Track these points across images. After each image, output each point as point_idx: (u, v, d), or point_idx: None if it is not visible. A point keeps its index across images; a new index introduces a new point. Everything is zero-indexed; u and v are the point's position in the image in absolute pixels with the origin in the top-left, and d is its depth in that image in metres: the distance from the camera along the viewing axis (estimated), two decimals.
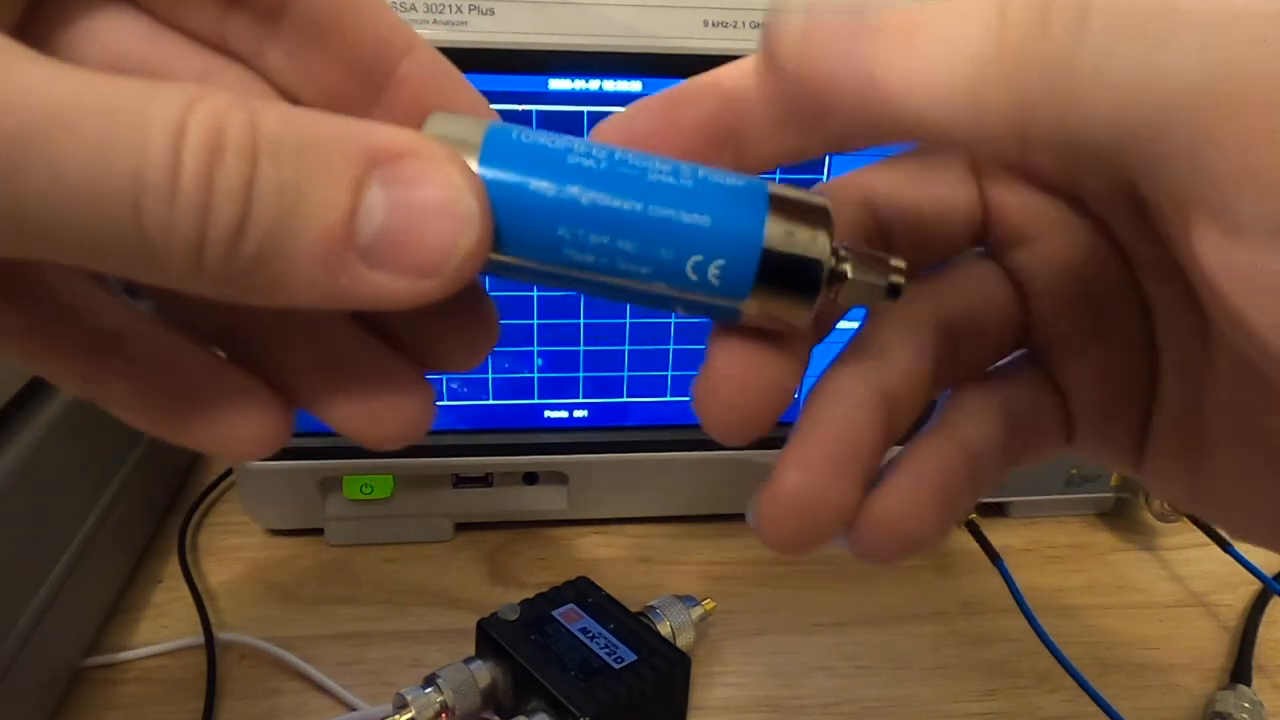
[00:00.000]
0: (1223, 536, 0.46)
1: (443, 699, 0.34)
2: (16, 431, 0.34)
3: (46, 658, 0.35)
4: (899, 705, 0.40)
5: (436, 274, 0.14)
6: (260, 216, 0.13)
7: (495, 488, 0.47)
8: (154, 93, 0.13)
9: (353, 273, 0.14)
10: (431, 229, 0.14)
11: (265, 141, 0.13)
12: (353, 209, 0.14)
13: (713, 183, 0.16)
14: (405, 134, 0.15)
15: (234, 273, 0.14)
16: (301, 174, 0.14)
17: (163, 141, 0.13)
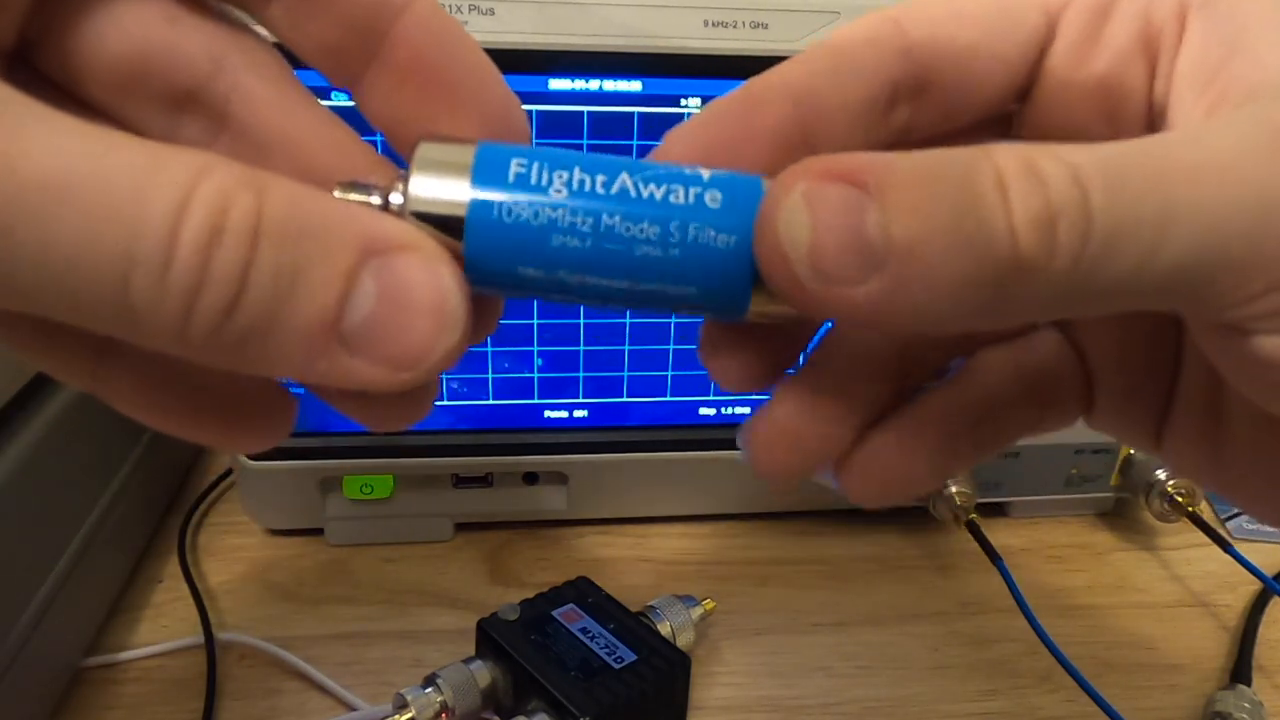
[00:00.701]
0: (1223, 536, 0.46)
1: (443, 699, 0.34)
2: (16, 431, 0.34)
3: (46, 658, 0.35)
4: (899, 705, 0.40)
5: (412, 369, 0.15)
6: (252, 300, 0.13)
7: (495, 488, 0.47)
8: (159, 165, 0.13)
9: (331, 357, 0.14)
10: (417, 326, 0.14)
11: (269, 225, 0.13)
12: (344, 298, 0.14)
13: (701, 244, 0.16)
14: (402, 227, 0.15)
15: (215, 347, 0.14)
16: (300, 260, 0.14)
17: (160, 220, 0.13)
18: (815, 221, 0.14)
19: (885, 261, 0.14)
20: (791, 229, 0.14)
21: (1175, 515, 0.47)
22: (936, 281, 0.14)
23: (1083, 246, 0.14)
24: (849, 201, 0.14)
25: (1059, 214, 0.14)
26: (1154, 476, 0.47)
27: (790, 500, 0.49)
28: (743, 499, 0.49)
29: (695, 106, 0.39)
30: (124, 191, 0.13)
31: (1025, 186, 0.14)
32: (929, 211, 0.14)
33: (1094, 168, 0.14)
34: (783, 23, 0.38)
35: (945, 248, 0.14)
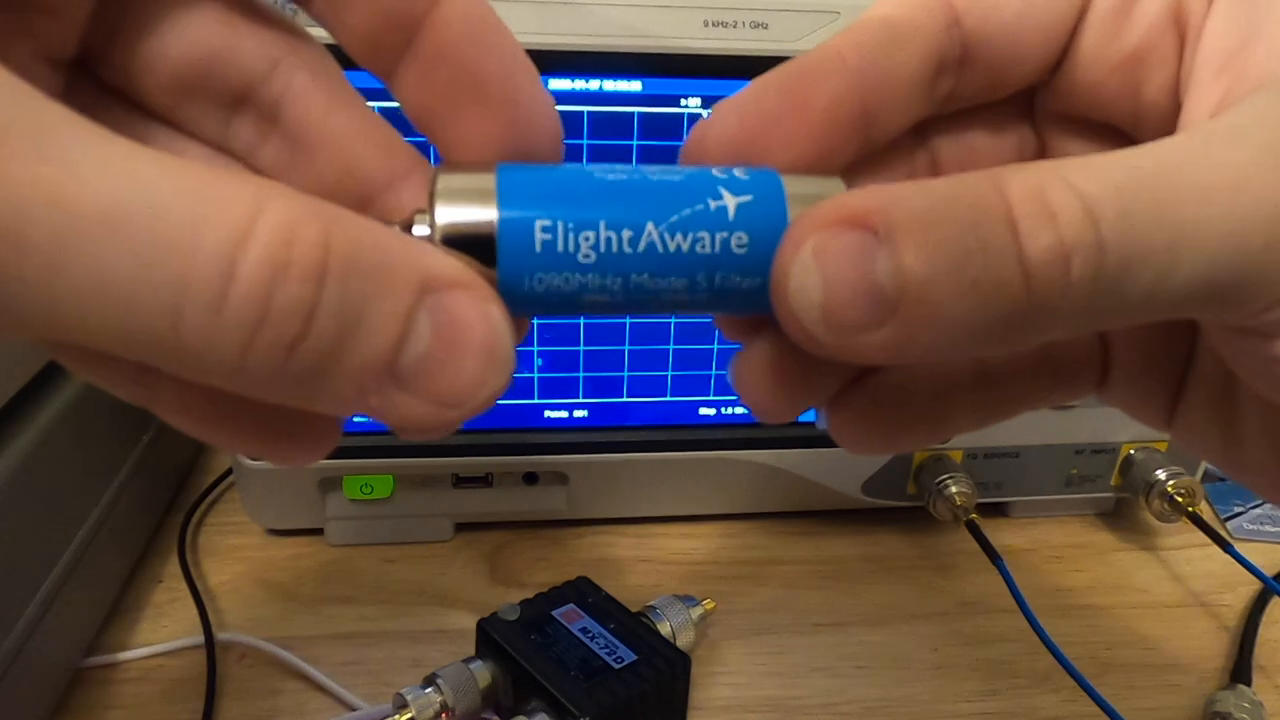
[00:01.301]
0: (1223, 536, 0.46)
1: (443, 699, 0.34)
2: (17, 431, 0.34)
3: (46, 658, 0.35)
4: (899, 705, 0.40)
5: (460, 407, 0.14)
6: (317, 339, 0.13)
7: (495, 488, 0.47)
8: (220, 191, 0.13)
9: (384, 395, 0.14)
10: (468, 366, 0.14)
11: (336, 260, 0.13)
12: (403, 336, 0.14)
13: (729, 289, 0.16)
14: (455, 265, 0.15)
15: (270, 385, 0.13)
16: (364, 297, 0.13)
17: (217, 249, 0.12)
18: (825, 279, 0.14)
19: (897, 306, 0.14)
20: (803, 292, 0.15)
21: (1175, 515, 0.47)
22: (948, 323, 0.14)
23: (1096, 279, 0.14)
24: (858, 249, 0.14)
25: (1072, 250, 0.14)
26: (1154, 476, 0.47)
27: (790, 500, 0.49)
28: (743, 499, 0.49)
29: (695, 106, 0.39)
30: (179, 221, 0.12)
31: (1035, 222, 0.14)
32: (937, 253, 0.14)
33: (1105, 195, 0.14)
34: (783, 23, 0.38)
35: (954, 290, 0.14)
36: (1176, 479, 0.46)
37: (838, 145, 0.18)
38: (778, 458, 0.46)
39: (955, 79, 0.19)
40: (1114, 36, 0.19)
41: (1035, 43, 0.19)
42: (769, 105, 0.18)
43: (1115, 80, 0.19)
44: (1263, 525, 0.51)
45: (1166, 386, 0.20)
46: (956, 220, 0.14)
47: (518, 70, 0.18)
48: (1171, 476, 0.47)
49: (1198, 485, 0.47)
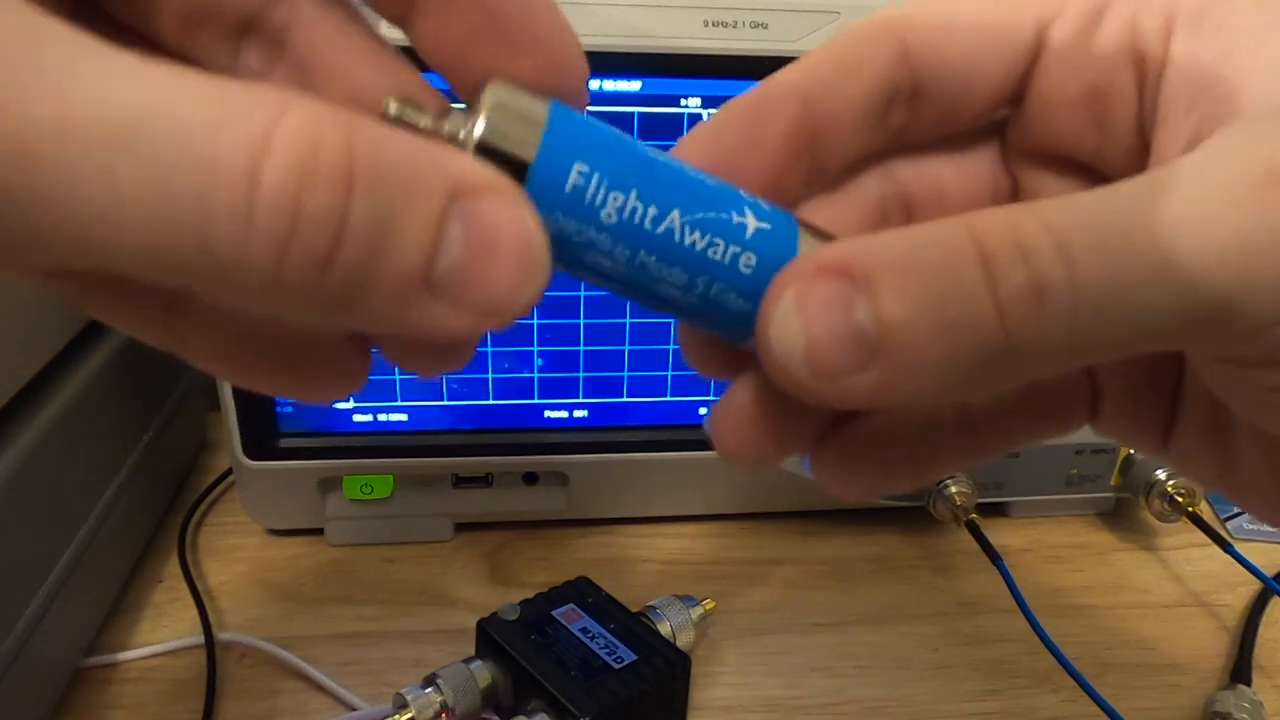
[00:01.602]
0: (1223, 536, 0.46)
1: (443, 699, 0.34)
2: (16, 431, 0.34)
3: (46, 658, 0.35)
4: (899, 705, 0.40)
5: (498, 315, 0.14)
6: (350, 249, 0.13)
7: (495, 488, 0.47)
8: (236, 100, 0.12)
9: (421, 305, 0.14)
10: (504, 270, 0.14)
11: (361, 167, 0.13)
12: (436, 244, 0.13)
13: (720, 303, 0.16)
14: (483, 168, 0.14)
15: (307, 302, 0.13)
16: (393, 204, 0.13)
17: (238, 157, 0.12)
18: (807, 325, 0.14)
19: (879, 349, 0.14)
20: (785, 340, 0.15)
21: (1175, 515, 0.47)
22: (930, 365, 0.14)
23: (1072, 316, 0.14)
24: (837, 296, 0.14)
25: (1045, 288, 0.14)
26: (1154, 476, 0.47)
27: (790, 500, 0.49)
28: (743, 499, 0.49)
29: (695, 106, 0.39)
30: (195, 130, 0.12)
31: (1007, 260, 0.14)
32: (915, 296, 0.14)
33: (1076, 231, 0.14)
34: (783, 23, 0.38)
35: (933, 332, 0.14)
36: (1176, 479, 0.46)
37: (790, 174, 0.18)
38: None
39: (908, 111, 0.19)
40: (1071, 72, 0.19)
41: (986, 78, 0.19)
42: (729, 138, 0.18)
43: (1076, 115, 0.19)
44: (1263, 525, 0.51)
45: (1158, 415, 0.20)
46: (931, 263, 0.14)
47: (540, 8, 0.18)
48: (1171, 476, 0.47)
49: (1198, 485, 0.47)
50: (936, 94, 0.19)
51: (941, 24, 0.19)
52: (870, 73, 0.18)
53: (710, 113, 0.40)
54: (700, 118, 0.40)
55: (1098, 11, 0.19)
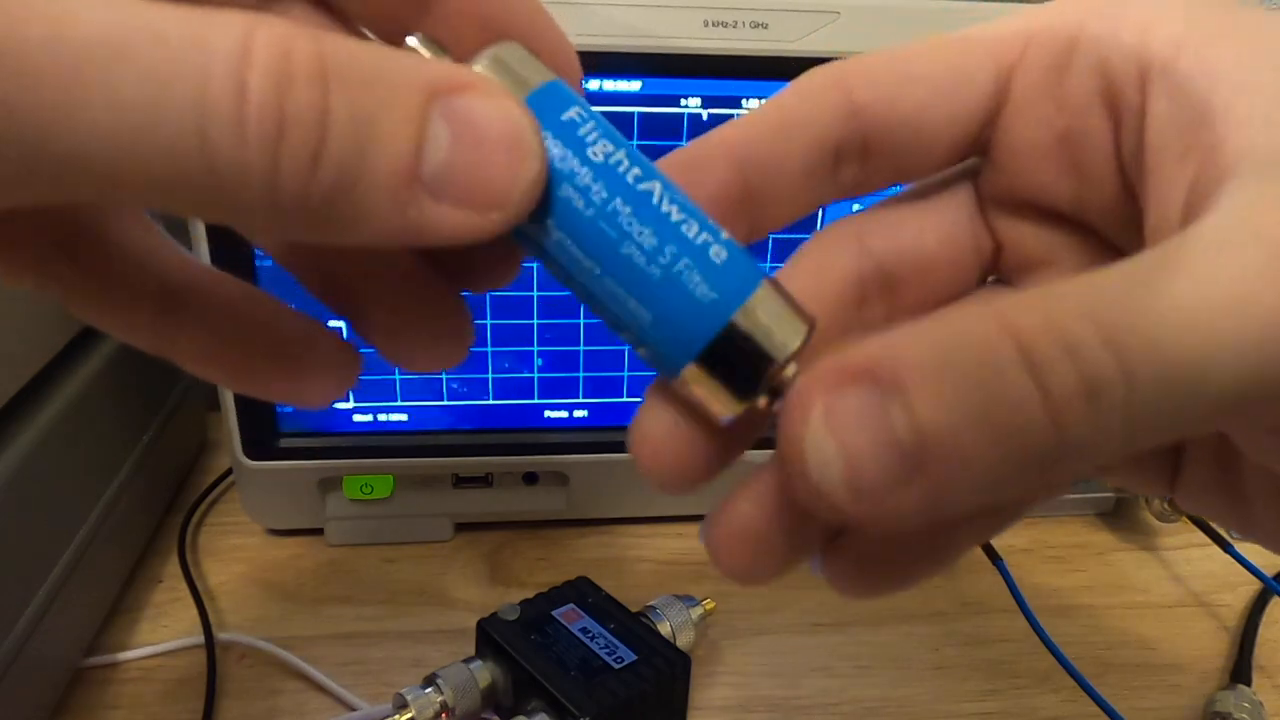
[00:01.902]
0: (1223, 536, 0.46)
1: (443, 699, 0.34)
2: (16, 431, 0.34)
3: (46, 658, 0.35)
4: (899, 705, 0.40)
5: (500, 206, 0.14)
6: (336, 145, 0.13)
7: (495, 488, 0.47)
8: (211, 19, 0.13)
9: (420, 206, 0.14)
10: (496, 161, 0.14)
11: (334, 69, 0.13)
12: (420, 141, 0.14)
13: (680, 283, 0.15)
14: (461, 68, 0.15)
15: (308, 207, 0.13)
16: (371, 104, 0.13)
17: (225, 66, 0.12)
18: (842, 445, 0.13)
19: (923, 460, 0.13)
20: (824, 466, 0.14)
21: (1175, 515, 0.47)
22: (979, 471, 0.13)
23: (1126, 412, 0.13)
24: (870, 407, 0.13)
25: (1099, 385, 0.13)
26: None
27: None
28: None
29: (695, 106, 0.39)
30: (183, 44, 0.12)
31: (1053, 359, 0.13)
32: (954, 402, 0.13)
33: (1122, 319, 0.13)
34: (783, 23, 0.38)
35: (980, 438, 0.13)
36: None
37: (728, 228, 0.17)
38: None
39: (859, 168, 0.19)
40: (1039, 121, 0.18)
41: (942, 132, 0.18)
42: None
43: (1050, 164, 0.18)
44: None
45: (1164, 463, 0.20)
46: (966, 364, 0.13)
47: (539, 20, 0.18)
48: None
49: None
50: (889, 150, 0.18)
51: (891, 78, 0.18)
52: (812, 132, 0.18)
53: (710, 113, 0.40)
54: (700, 118, 0.40)
55: (1064, 55, 0.18)
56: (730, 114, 0.40)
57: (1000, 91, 0.18)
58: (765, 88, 0.39)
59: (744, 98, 0.40)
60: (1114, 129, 0.18)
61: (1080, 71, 0.18)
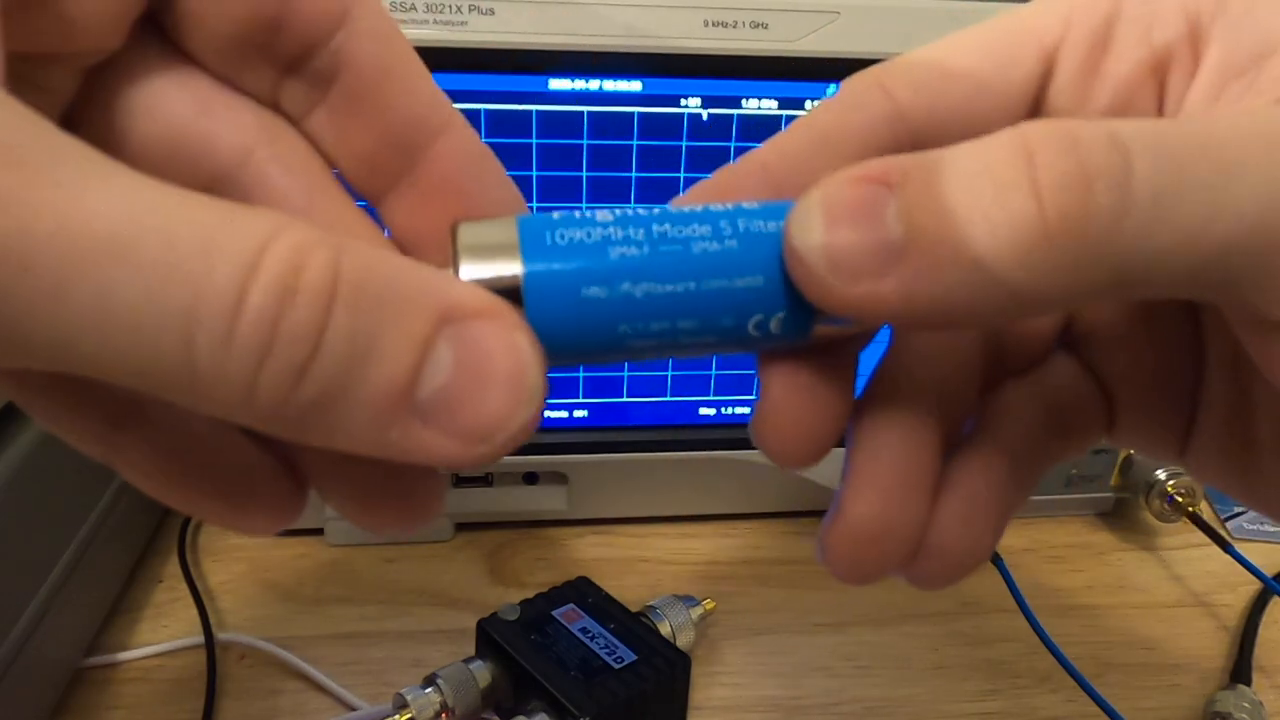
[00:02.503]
0: (1223, 536, 0.46)
1: (443, 699, 0.34)
2: (16, 432, 0.34)
3: (46, 658, 0.35)
4: (899, 705, 0.40)
5: (488, 442, 0.14)
6: (325, 364, 0.13)
7: (495, 488, 0.47)
8: (233, 220, 0.12)
9: (404, 428, 0.13)
10: (494, 397, 0.14)
11: (345, 286, 0.13)
12: (419, 365, 0.13)
13: (754, 233, 0.16)
14: (478, 292, 0.14)
15: (284, 415, 0.13)
16: (376, 324, 0.13)
17: (228, 276, 0.12)
18: (828, 219, 0.14)
19: (905, 250, 0.13)
20: (805, 231, 0.14)
21: (1175, 515, 0.47)
22: (959, 264, 0.13)
23: (1123, 212, 0.13)
24: (868, 198, 0.14)
25: (1096, 175, 0.13)
26: (1154, 476, 0.47)
27: (790, 500, 0.49)
28: (742, 499, 0.49)
29: (695, 106, 0.39)
30: (190, 248, 0.12)
31: (1054, 149, 0.13)
32: (948, 191, 0.13)
33: (1136, 129, 0.13)
34: (783, 23, 0.38)
35: (964, 225, 0.13)
36: (1176, 479, 0.46)
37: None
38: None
39: None
40: (1085, 97, 0.18)
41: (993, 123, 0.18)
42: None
43: None
44: (1263, 525, 0.51)
45: (1175, 425, 0.20)
46: (971, 162, 0.13)
47: (512, 202, 0.18)
48: (1171, 476, 0.47)
49: (1198, 485, 0.47)
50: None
51: (934, 74, 0.18)
52: (858, 141, 0.18)
53: (710, 113, 0.40)
54: (700, 118, 0.40)
55: (1105, 28, 0.18)
56: (730, 114, 0.40)
57: (1045, 74, 0.18)
58: (765, 88, 0.39)
59: (744, 98, 0.40)
60: (1159, 100, 0.17)
61: (1124, 43, 0.17)
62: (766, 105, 0.40)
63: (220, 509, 0.17)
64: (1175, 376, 0.20)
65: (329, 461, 0.18)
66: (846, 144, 0.18)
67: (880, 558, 0.17)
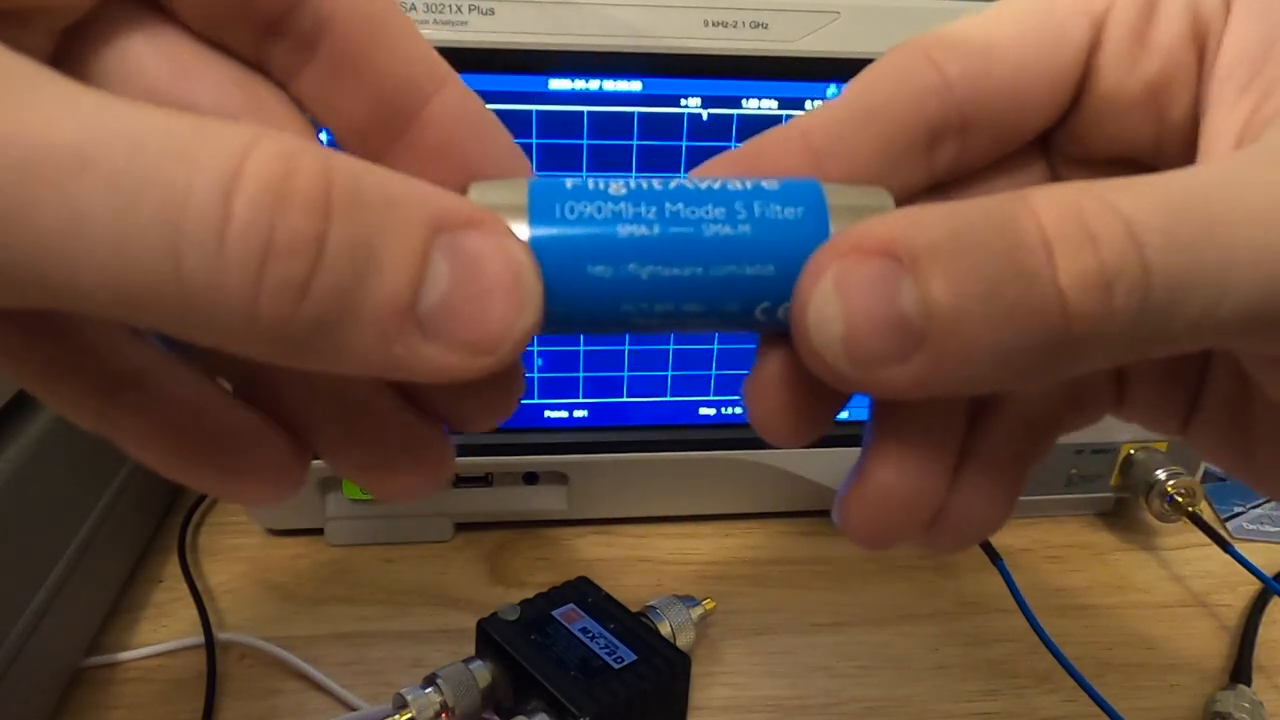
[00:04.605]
0: (1223, 536, 0.46)
1: (443, 699, 0.34)
2: (16, 432, 0.34)
3: (46, 658, 0.35)
4: (899, 705, 0.40)
5: (491, 352, 0.14)
6: (327, 278, 0.12)
7: (495, 488, 0.47)
8: (207, 129, 0.12)
9: (408, 343, 0.13)
10: (494, 305, 0.13)
11: (339, 193, 0.12)
12: (420, 277, 0.13)
13: (769, 219, 0.15)
14: (468, 202, 0.14)
15: (288, 335, 0.12)
16: (374, 234, 0.12)
17: (210, 183, 0.11)
18: (847, 310, 0.14)
19: (924, 338, 0.13)
20: (824, 325, 0.14)
21: (1175, 515, 0.47)
22: (980, 355, 0.13)
23: (1142, 308, 0.13)
24: (881, 279, 0.13)
25: (1116, 276, 0.13)
26: (1154, 476, 0.47)
27: (790, 500, 0.49)
28: (743, 499, 0.49)
29: (695, 106, 0.39)
30: (163, 156, 0.11)
31: (1073, 246, 0.13)
32: (966, 281, 0.13)
33: (1150, 217, 0.13)
34: (783, 23, 0.38)
35: (985, 320, 0.13)
36: (1176, 479, 0.46)
37: None
38: (778, 458, 0.46)
39: (959, 145, 0.18)
40: (1132, 67, 0.17)
41: (1043, 95, 0.18)
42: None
43: (1138, 111, 0.18)
44: (1263, 525, 0.51)
45: (1180, 403, 0.20)
46: (985, 245, 0.13)
47: (512, 161, 0.18)
48: (1171, 476, 0.47)
49: (1198, 485, 0.47)
50: (989, 122, 0.18)
51: (983, 45, 0.17)
52: (904, 114, 0.17)
53: (710, 113, 0.40)
54: (700, 118, 0.40)
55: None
56: (730, 114, 0.40)
57: (1094, 44, 0.18)
58: (765, 88, 0.39)
59: (744, 98, 0.40)
60: (1199, 70, 0.17)
61: (1170, 10, 0.17)
62: (766, 105, 0.40)
63: (221, 479, 0.17)
64: (1183, 361, 0.20)
65: (336, 426, 0.17)
66: (893, 118, 0.17)
67: (900, 524, 0.17)
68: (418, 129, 0.17)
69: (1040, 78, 0.18)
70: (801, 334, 0.14)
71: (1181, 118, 0.18)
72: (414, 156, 0.17)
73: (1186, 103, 0.18)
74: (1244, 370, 0.18)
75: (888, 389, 0.14)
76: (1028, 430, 0.19)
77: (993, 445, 0.18)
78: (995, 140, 0.18)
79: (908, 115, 0.17)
